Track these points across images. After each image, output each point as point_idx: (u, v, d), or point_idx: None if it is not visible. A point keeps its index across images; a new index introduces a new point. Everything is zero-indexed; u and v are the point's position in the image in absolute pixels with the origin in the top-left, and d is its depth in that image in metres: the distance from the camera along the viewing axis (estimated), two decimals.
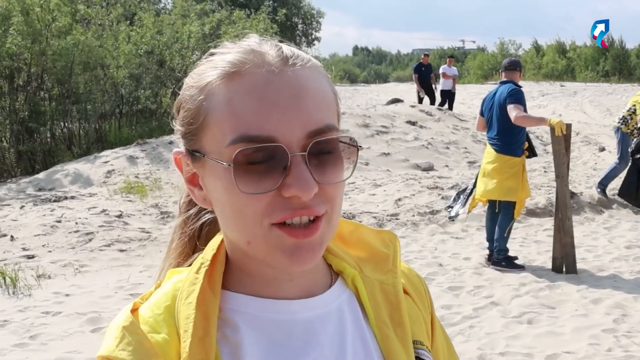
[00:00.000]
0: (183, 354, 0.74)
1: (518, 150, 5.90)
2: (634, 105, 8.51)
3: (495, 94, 6.01)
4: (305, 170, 0.72)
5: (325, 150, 0.75)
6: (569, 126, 5.81)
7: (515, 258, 6.15)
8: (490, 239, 6.17)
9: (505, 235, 6.02)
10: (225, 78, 0.75)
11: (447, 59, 18.71)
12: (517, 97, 5.77)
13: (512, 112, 5.69)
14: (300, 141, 0.73)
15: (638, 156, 7.93)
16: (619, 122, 8.64)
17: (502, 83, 6.05)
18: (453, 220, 7.24)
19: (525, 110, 5.81)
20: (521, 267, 6.03)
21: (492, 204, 6.13)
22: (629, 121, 8.51)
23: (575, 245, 6.00)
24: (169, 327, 0.77)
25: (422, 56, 18.95)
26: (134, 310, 0.80)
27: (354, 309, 0.86)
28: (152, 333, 0.76)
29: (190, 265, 0.86)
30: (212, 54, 0.80)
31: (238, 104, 0.73)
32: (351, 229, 0.93)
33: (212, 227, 0.93)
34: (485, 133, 6.23)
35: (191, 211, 0.94)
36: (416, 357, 0.86)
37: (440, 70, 18.05)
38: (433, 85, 18.38)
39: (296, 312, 0.81)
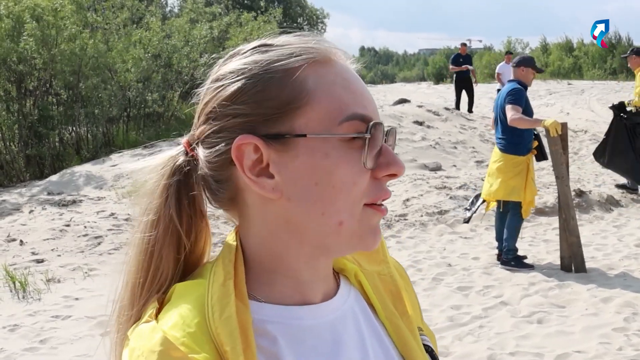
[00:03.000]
0: None
1: (523, 149, 5.86)
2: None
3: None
4: (393, 151, 0.79)
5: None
6: (564, 125, 5.77)
7: (525, 257, 6.13)
8: (499, 238, 6.15)
9: (515, 236, 6.00)
10: (317, 64, 0.77)
11: (506, 56, 16.51)
12: (515, 97, 5.74)
13: (508, 113, 5.68)
14: None
15: (624, 115, 8.30)
16: None
17: (509, 82, 6.06)
18: (467, 222, 7.22)
19: (529, 110, 5.78)
20: (530, 267, 6.00)
21: (500, 203, 6.11)
22: None
23: (583, 244, 5.97)
24: (208, 345, 0.71)
25: (460, 46, 17.48)
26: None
27: (362, 306, 0.87)
28: (192, 354, 0.69)
29: (178, 280, 0.81)
30: (267, 45, 0.79)
31: (341, 86, 0.77)
32: None
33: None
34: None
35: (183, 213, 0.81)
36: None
37: (497, 70, 16.07)
38: (473, 83, 16.69)
39: (322, 315, 0.81)
